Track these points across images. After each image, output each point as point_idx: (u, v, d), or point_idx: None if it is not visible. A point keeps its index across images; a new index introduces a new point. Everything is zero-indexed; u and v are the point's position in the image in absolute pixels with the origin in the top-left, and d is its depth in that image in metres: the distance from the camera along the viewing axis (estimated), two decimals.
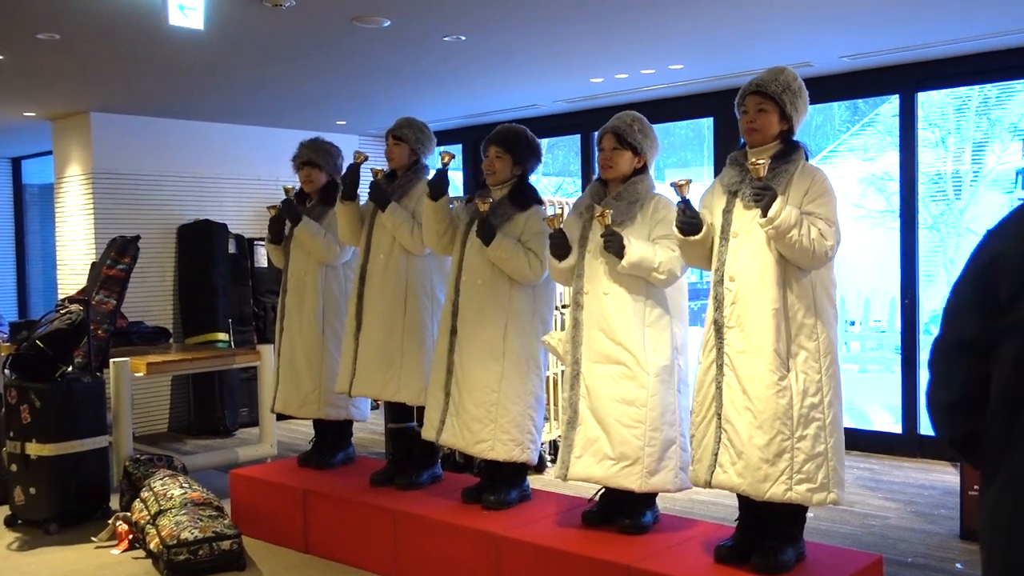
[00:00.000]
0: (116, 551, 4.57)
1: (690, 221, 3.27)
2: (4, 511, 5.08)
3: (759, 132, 3.24)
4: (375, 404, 7.82)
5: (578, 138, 8.08)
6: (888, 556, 4.21)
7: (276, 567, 4.36)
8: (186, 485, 4.65)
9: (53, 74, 5.94)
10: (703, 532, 3.69)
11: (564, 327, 3.81)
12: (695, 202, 3.33)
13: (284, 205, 4.84)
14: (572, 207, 3.87)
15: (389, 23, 4.81)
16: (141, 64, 5.68)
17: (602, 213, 3.50)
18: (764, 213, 3.07)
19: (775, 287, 3.13)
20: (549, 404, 5.82)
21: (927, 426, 6.27)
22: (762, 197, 3.08)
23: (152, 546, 4.30)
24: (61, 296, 7.30)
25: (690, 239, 3.29)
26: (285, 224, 4.91)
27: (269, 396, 5.24)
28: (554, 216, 3.68)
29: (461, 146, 8.85)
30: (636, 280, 3.53)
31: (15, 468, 4.93)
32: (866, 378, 8.52)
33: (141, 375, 5.68)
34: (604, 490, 3.73)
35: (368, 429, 7.34)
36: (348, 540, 4.34)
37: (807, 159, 3.29)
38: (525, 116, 7.70)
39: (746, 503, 3.31)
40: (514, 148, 4.04)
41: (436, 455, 4.55)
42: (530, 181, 4.13)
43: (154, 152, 7.66)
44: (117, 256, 6.07)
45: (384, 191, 4.37)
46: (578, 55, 5.72)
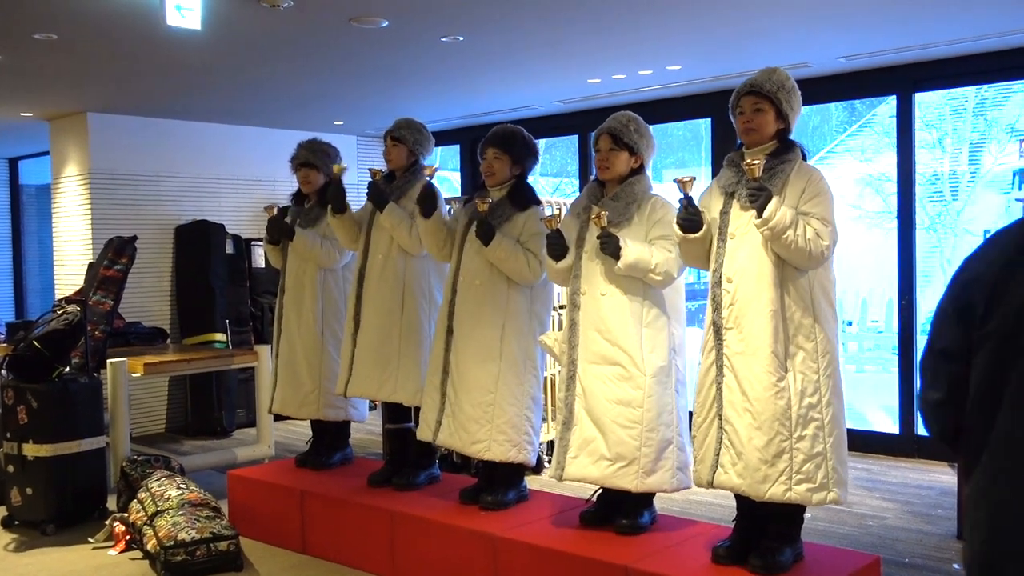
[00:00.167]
0: (113, 552, 4.57)
1: (691, 218, 3.27)
2: (1, 512, 5.08)
3: (757, 132, 3.25)
4: (373, 405, 7.82)
5: (576, 138, 8.09)
6: (885, 556, 4.21)
7: (273, 568, 4.36)
8: (183, 486, 4.65)
9: (50, 74, 5.93)
10: (700, 532, 3.69)
11: (561, 327, 3.80)
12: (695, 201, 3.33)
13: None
14: (569, 208, 3.86)
15: (387, 23, 4.81)
16: (138, 64, 5.68)
17: (598, 215, 3.49)
18: (759, 214, 3.08)
19: (772, 288, 3.13)
20: (546, 405, 5.82)
21: (924, 426, 6.27)
22: (757, 198, 3.09)
23: (149, 547, 4.30)
24: (58, 297, 7.29)
25: (690, 237, 3.29)
26: (282, 225, 4.90)
27: (266, 397, 5.24)
28: (551, 217, 3.67)
29: (459, 146, 8.85)
30: (633, 281, 3.53)
31: (12, 469, 4.93)
32: (863, 378, 8.53)
33: (138, 376, 5.68)
34: (601, 490, 3.73)
35: (366, 430, 7.33)
36: (345, 541, 4.34)
37: (804, 159, 3.29)
38: (523, 116, 7.70)
39: (744, 503, 3.31)
40: (512, 148, 4.04)
41: (433, 456, 4.55)
42: (528, 181, 4.14)
43: (151, 152, 7.65)
44: (114, 256, 6.06)
45: (382, 192, 4.36)
46: (576, 56, 5.72)
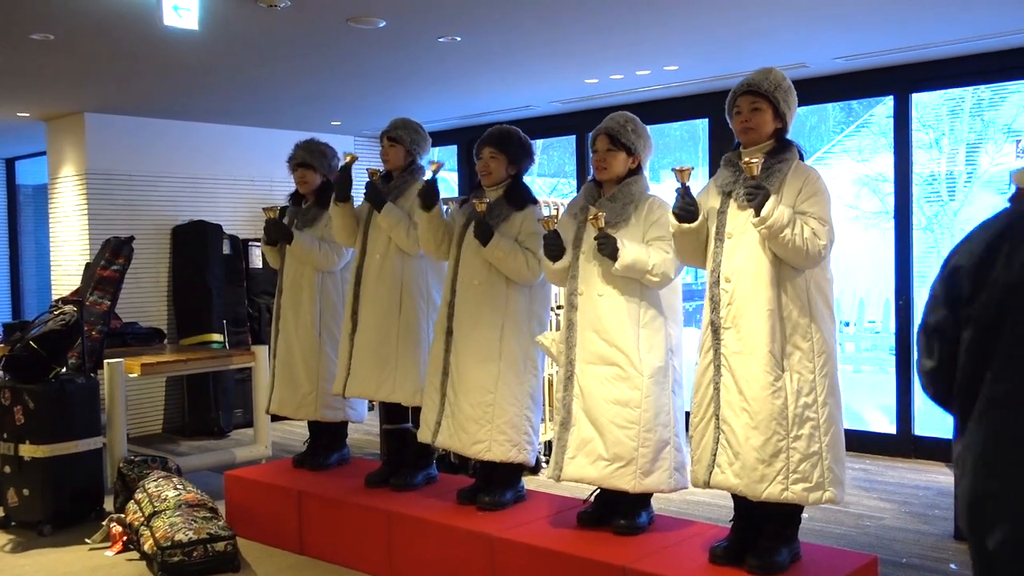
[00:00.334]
0: (110, 553, 4.56)
1: (688, 208, 3.26)
2: None
3: (755, 131, 3.24)
4: (371, 405, 7.82)
5: (573, 139, 8.08)
6: (883, 556, 4.22)
7: (271, 568, 4.35)
8: (180, 486, 4.64)
9: (47, 74, 5.92)
10: (698, 533, 3.69)
11: (559, 328, 3.80)
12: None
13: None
14: (567, 208, 3.86)
15: (384, 24, 4.81)
16: (135, 65, 5.67)
17: (595, 215, 3.49)
18: (757, 212, 3.07)
19: (770, 287, 3.13)
20: (544, 405, 5.82)
21: (922, 427, 6.30)
22: (755, 196, 3.08)
23: (146, 548, 4.29)
24: (55, 297, 7.29)
25: (684, 227, 3.28)
26: (280, 226, 4.90)
27: (264, 397, 5.23)
28: (549, 217, 3.67)
29: (456, 147, 8.85)
30: (630, 281, 3.53)
31: (8, 470, 4.92)
32: (860, 379, 8.54)
33: (135, 376, 5.67)
34: (599, 491, 3.73)
35: (363, 430, 7.33)
36: (343, 541, 4.34)
37: (801, 159, 3.29)
38: (520, 117, 7.70)
39: (741, 504, 3.31)
40: (508, 148, 4.04)
41: (431, 456, 4.55)
42: (524, 181, 4.14)
43: (148, 153, 7.64)
44: (111, 257, 6.06)
45: (380, 191, 4.36)
46: (573, 56, 5.72)
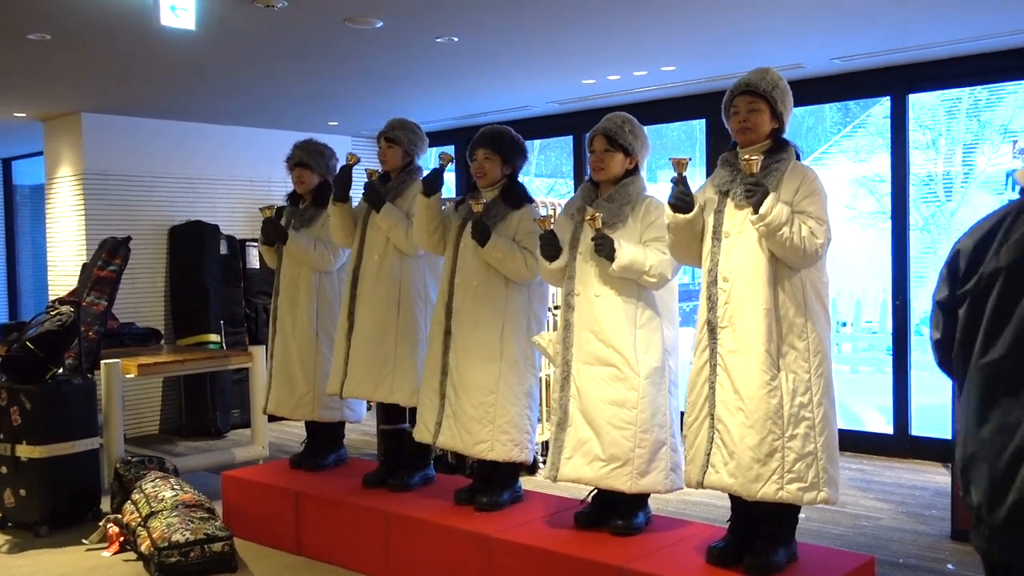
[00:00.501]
0: (107, 553, 4.56)
1: (683, 198, 3.25)
2: None
3: (753, 131, 3.24)
4: (369, 405, 7.81)
5: (570, 139, 8.09)
6: (880, 557, 4.23)
7: (268, 569, 4.35)
8: (177, 487, 4.64)
9: (44, 74, 5.92)
10: (695, 533, 3.69)
11: (556, 328, 3.80)
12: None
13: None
14: (563, 208, 3.86)
15: (381, 24, 4.80)
16: (132, 65, 5.66)
17: (592, 216, 3.49)
18: (755, 210, 3.08)
19: (767, 286, 3.13)
20: (540, 405, 5.82)
21: (918, 427, 6.31)
22: (754, 193, 3.09)
23: (143, 548, 4.29)
24: (52, 297, 7.27)
25: (679, 217, 3.27)
26: (278, 226, 4.90)
27: (261, 398, 5.23)
28: (545, 217, 3.67)
29: (454, 147, 8.84)
30: (627, 282, 3.53)
31: (5, 470, 4.91)
32: (857, 379, 8.55)
33: (132, 376, 5.67)
34: (596, 491, 3.73)
35: (360, 430, 7.32)
36: (340, 542, 4.33)
37: (798, 159, 3.29)
38: (517, 117, 7.70)
39: (738, 504, 3.31)
40: (501, 148, 4.04)
41: (428, 456, 4.55)
42: (519, 180, 4.14)
43: (145, 153, 7.63)
44: (108, 257, 6.04)
45: (379, 192, 4.36)
46: (570, 56, 5.72)
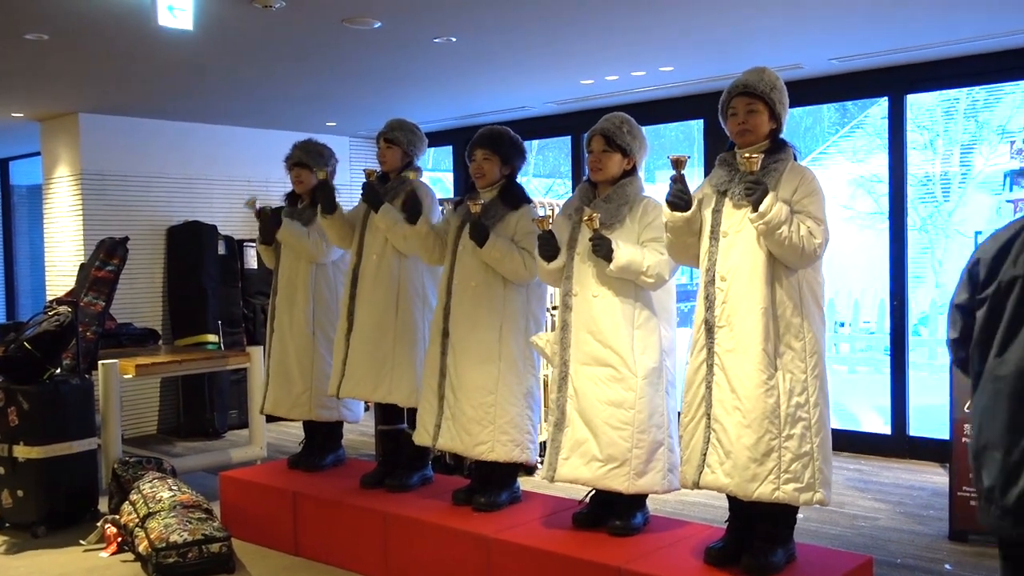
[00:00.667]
0: (105, 554, 4.55)
1: (681, 196, 3.25)
2: None
3: (752, 132, 3.24)
4: (367, 406, 7.81)
5: (568, 139, 8.09)
6: (878, 557, 4.23)
7: (266, 570, 4.35)
8: (175, 487, 4.63)
9: (41, 75, 5.91)
10: (693, 533, 3.70)
11: (553, 328, 3.80)
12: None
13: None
14: (561, 208, 3.86)
15: (379, 24, 4.80)
16: (130, 65, 5.66)
17: (590, 217, 3.49)
18: (755, 208, 3.08)
19: (765, 286, 3.13)
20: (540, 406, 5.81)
21: (916, 427, 6.31)
22: (754, 191, 3.08)
23: (141, 549, 4.28)
24: (49, 298, 7.26)
25: (677, 215, 3.27)
26: (276, 225, 4.91)
27: (259, 398, 5.23)
28: (543, 218, 3.67)
29: (452, 147, 8.85)
30: (625, 283, 3.53)
31: (3, 471, 4.91)
32: (855, 379, 8.55)
33: (130, 377, 5.66)
34: (594, 492, 3.73)
35: (358, 431, 7.32)
36: (338, 542, 4.33)
37: (796, 159, 3.29)
38: (515, 118, 7.70)
39: (736, 504, 3.31)
40: (500, 148, 4.04)
41: (426, 457, 4.55)
42: (518, 181, 4.14)
43: (143, 153, 7.62)
44: (106, 257, 6.04)
45: (377, 192, 4.36)
46: (569, 57, 5.72)
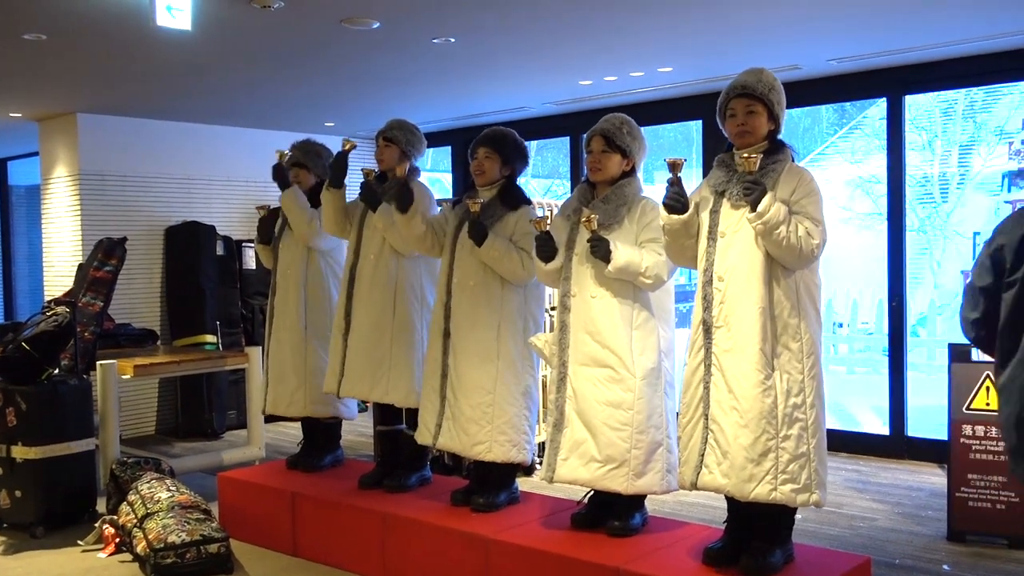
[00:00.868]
0: (103, 555, 4.55)
1: (677, 199, 3.25)
2: None
3: (751, 134, 3.24)
4: (364, 406, 7.81)
5: (567, 140, 8.09)
6: (876, 558, 4.23)
7: (264, 570, 4.35)
8: (173, 488, 4.63)
9: (40, 75, 5.91)
10: (692, 534, 3.70)
11: (552, 329, 3.80)
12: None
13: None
14: (560, 209, 3.86)
15: (378, 25, 4.80)
16: (128, 65, 5.66)
17: (588, 218, 3.49)
18: (753, 208, 3.08)
19: (762, 286, 3.13)
20: (538, 406, 5.81)
21: (914, 428, 6.31)
22: (752, 191, 3.09)
23: (139, 549, 4.28)
24: (47, 298, 7.26)
25: (674, 218, 3.27)
26: (274, 224, 4.91)
27: (257, 398, 5.23)
28: (541, 218, 3.67)
29: (450, 148, 8.85)
30: (623, 283, 3.53)
31: (1, 471, 4.90)
32: (853, 380, 8.56)
33: (128, 377, 5.66)
34: (593, 492, 3.73)
35: (357, 431, 7.33)
36: (337, 543, 4.33)
37: (794, 160, 3.30)
38: (514, 118, 7.70)
39: (734, 505, 3.31)
40: (502, 149, 4.04)
41: (425, 457, 4.55)
42: (518, 183, 4.14)
43: (141, 153, 7.62)
44: (104, 258, 6.04)
45: (375, 192, 4.36)
46: (567, 58, 5.73)
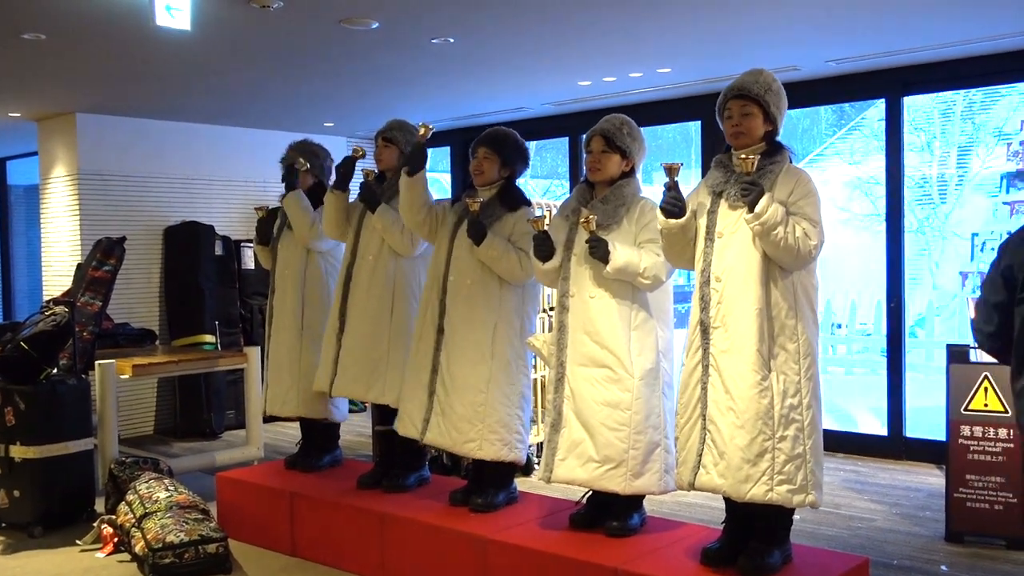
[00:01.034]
0: (101, 554, 4.55)
1: (675, 203, 3.26)
2: None
3: (746, 135, 3.25)
4: (362, 407, 7.81)
5: (566, 140, 8.10)
6: (874, 558, 4.23)
7: (262, 570, 4.35)
8: (172, 488, 4.63)
9: (39, 74, 5.90)
10: (690, 534, 3.70)
11: (550, 329, 3.80)
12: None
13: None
14: (558, 209, 3.87)
15: (377, 25, 4.80)
16: (127, 65, 5.66)
17: (587, 218, 3.49)
18: (751, 208, 3.08)
19: (760, 286, 3.13)
20: (535, 407, 5.82)
21: (912, 428, 6.32)
22: (750, 192, 3.09)
23: (137, 549, 4.28)
24: (46, 298, 7.26)
25: (671, 222, 3.27)
26: (273, 225, 4.92)
27: (256, 398, 5.23)
28: (539, 218, 3.68)
29: (449, 148, 8.85)
30: (622, 284, 3.54)
31: None
32: (852, 381, 8.55)
33: (127, 377, 5.66)
34: (591, 493, 3.73)
35: (355, 431, 7.33)
36: (335, 543, 4.33)
37: (792, 161, 3.30)
38: (513, 118, 7.70)
39: (732, 505, 3.31)
40: (502, 149, 4.04)
41: (423, 457, 4.55)
42: (517, 184, 4.14)
43: (140, 153, 7.62)
44: (103, 257, 6.04)
45: (375, 192, 4.37)
46: (566, 58, 5.73)
